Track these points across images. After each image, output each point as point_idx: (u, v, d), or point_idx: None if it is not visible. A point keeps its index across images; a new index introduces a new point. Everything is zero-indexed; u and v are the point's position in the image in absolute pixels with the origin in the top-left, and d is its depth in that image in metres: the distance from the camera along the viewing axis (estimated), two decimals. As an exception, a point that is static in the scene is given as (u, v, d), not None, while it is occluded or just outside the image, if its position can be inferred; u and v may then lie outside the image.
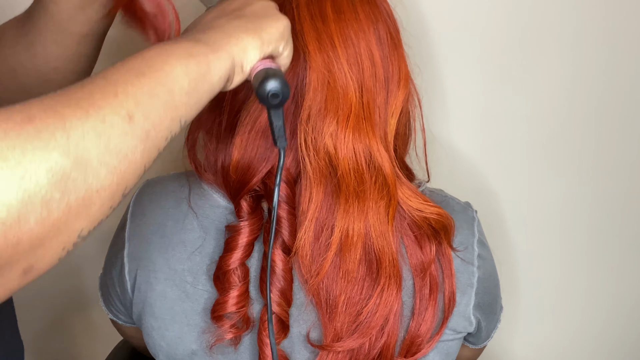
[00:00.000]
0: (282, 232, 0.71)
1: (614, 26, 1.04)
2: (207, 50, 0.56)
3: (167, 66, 0.52)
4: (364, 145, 0.69)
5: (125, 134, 0.48)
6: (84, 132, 0.45)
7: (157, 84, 0.51)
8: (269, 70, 0.59)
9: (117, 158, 0.47)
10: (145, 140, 0.50)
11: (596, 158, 1.13)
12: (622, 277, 1.20)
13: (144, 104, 0.50)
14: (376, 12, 0.72)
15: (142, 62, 0.52)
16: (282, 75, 0.59)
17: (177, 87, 0.53)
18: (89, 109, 0.46)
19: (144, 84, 0.50)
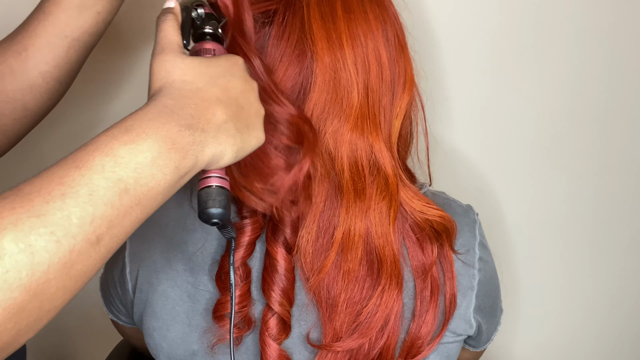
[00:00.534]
0: (284, 229, 0.71)
1: (614, 27, 1.04)
2: (193, 162, 0.54)
3: (153, 181, 0.51)
4: (366, 145, 0.69)
5: (89, 257, 0.48)
6: (50, 265, 0.45)
7: (134, 204, 0.50)
8: (210, 192, 0.59)
9: (75, 280, 0.48)
10: (105, 256, 0.50)
11: (597, 160, 1.13)
12: (623, 279, 1.20)
13: (115, 225, 0.49)
14: (385, 14, 0.72)
15: (133, 172, 0.50)
16: (223, 199, 0.59)
17: (150, 202, 0.52)
18: (62, 239, 0.46)
19: (124, 204, 0.49)
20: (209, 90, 0.58)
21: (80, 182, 0.47)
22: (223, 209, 0.59)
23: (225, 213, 0.59)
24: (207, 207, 0.59)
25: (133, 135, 0.51)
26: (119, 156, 0.50)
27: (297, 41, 0.69)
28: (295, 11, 0.70)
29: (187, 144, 0.53)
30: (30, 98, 0.78)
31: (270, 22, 0.71)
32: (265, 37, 0.71)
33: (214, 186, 0.59)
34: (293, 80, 0.70)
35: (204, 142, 0.55)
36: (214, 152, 0.56)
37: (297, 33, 0.69)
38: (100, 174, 0.48)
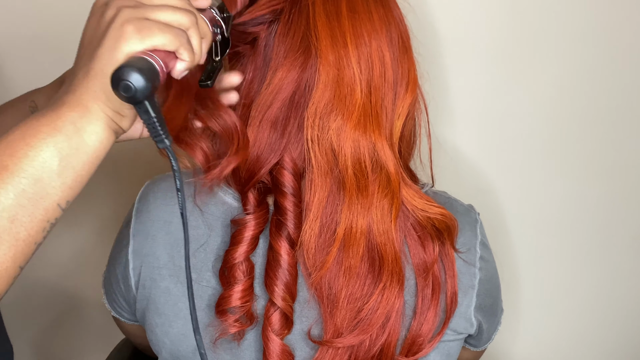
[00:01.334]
0: (287, 224, 0.71)
1: (616, 28, 1.05)
2: (73, 116, 0.50)
3: (32, 151, 0.49)
4: (368, 142, 0.70)
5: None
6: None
7: (22, 178, 0.48)
8: (135, 59, 0.51)
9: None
10: (15, 244, 0.48)
11: (598, 160, 1.13)
12: (623, 278, 1.20)
13: (9, 206, 0.47)
14: (389, 15, 0.73)
15: (5, 149, 0.48)
16: (147, 68, 0.50)
17: (45, 173, 0.49)
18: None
19: (7, 181, 0.47)
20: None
21: None
22: (142, 75, 0.50)
23: (143, 80, 0.50)
24: (121, 66, 0.50)
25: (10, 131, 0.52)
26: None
27: (301, 39, 0.70)
28: (300, 9, 0.71)
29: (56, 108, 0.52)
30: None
31: (276, 20, 0.72)
32: (271, 35, 0.72)
33: (140, 57, 0.51)
34: (297, 77, 0.71)
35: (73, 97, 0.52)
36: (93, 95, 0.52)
37: (302, 31, 0.70)
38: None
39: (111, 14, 0.53)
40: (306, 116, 0.70)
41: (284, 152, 0.72)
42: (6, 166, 0.48)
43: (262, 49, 0.73)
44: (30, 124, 0.50)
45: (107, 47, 0.51)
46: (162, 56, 0.53)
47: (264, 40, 0.73)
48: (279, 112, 0.71)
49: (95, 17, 0.55)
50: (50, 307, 1.34)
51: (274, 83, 0.71)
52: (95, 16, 0.55)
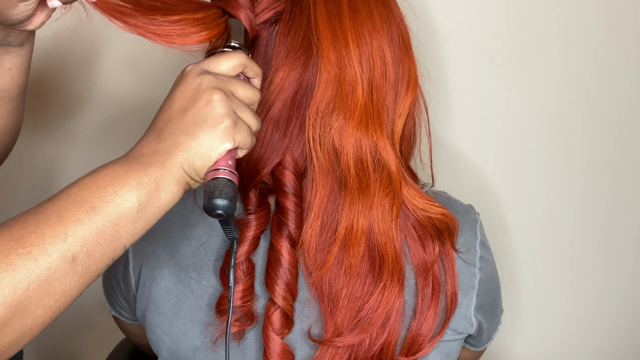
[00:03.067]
0: (289, 224, 0.71)
1: (616, 27, 1.05)
2: (158, 176, 0.57)
3: (119, 198, 0.55)
4: (370, 141, 0.69)
5: (67, 274, 0.52)
6: (30, 282, 0.50)
7: (106, 220, 0.54)
8: (217, 184, 0.59)
9: (54, 298, 0.52)
10: (84, 275, 0.54)
11: (599, 160, 1.14)
12: (623, 278, 1.20)
13: (90, 243, 0.53)
14: (390, 14, 0.73)
15: (95, 192, 0.55)
16: (230, 192, 0.59)
17: (124, 219, 0.55)
18: (39, 257, 0.51)
19: (93, 221, 0.54)
20: (156, 118, 0.62)
21: (50, 209, 0.54)
22: (229, 200, 0.59)
23: (230, 205, 0.59)
24: (212, 197, 0.59)
25: (94, 171, 0.57)
26: (82, 183, 0.56)
27: (303, 38, 0.70)
28: (301, 8, 0.71)
29: (144, 165, 0.58)
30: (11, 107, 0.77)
31: (277, 20, 0.72)
32: (272, 34, 0.72)
33: (221, 178, 0.60)
34: (299, 76, 0.71)
35: (159, 160, 0.58)
36: (177, 164, 0.59)
37: (303, 30, 0.70)
38: (66, 199, 0.54)
39: (208, 96, 0.60)
40: (308, 116, 0.70)
41: (285, 152, 0.72)
42: (94, 207, 0.54)
43: (262, 48, 0.73)
44: (119, 172, 0.56)
45: (205, 130, 0.59)
46: (231, 157, 0.62)
47: (264, 40, 0.73)
48: (280, 112, 0.71)
49: (188, 89, 0.61)
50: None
51: (275, 83, 0.71)
52: (189, 87, 0.61)
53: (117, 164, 0.58)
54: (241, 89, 0.63)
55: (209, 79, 0.61)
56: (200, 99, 0.60)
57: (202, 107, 0.60)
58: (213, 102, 0.60)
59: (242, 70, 0.66)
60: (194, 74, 0.62)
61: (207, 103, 0.60)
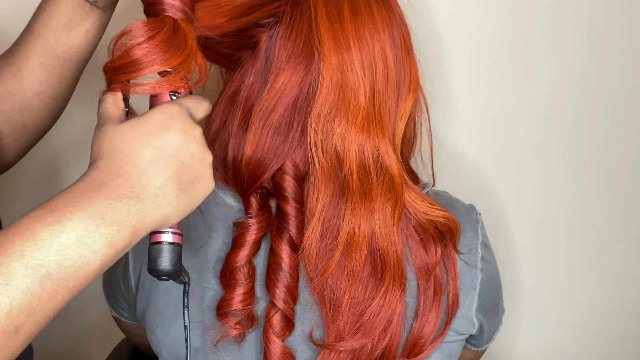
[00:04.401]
0: (290, 228, 0.71)
1: (616, 28, 1.05)
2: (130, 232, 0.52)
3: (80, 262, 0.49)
4: (372, 146, 0.69)
5: (7, 346, 0.47)
6: None
7: (59, 287, 0.48)
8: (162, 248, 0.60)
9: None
10: (26, 342, 0.48)
11: (600, 161, 1.13)
12: (624, 279, 1.20)
13: (37, 311, 0.47)
14: (391, 15, 0.72)
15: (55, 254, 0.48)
16: (174, 257, 0.60)
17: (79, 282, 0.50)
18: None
19: (45, 290, 0.47)
20: (139, 153, 0.55)
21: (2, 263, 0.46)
22: (172, 266, 0.60)
23: (174, 271, 0.60)
24: (156, 265, 0.60)
25: (57, 216, 0.49)
26: (39, 239, 0.47)
27: (304, 42, 0.70)
28: (302, 12, 0.70)
29: (120, 216, 0.51)
30: (29, 117, 0.78)
31: (277, 23, 0.72)
32: (272, 38, 0.72)
33: (165, 243, 0.60)
34: (300, 81, 0.70)
35: (142, 210, 0.53)
36: (155, 218, 0.54)
37: (304, 34, 0.70)
38: (19, 261, 0.46)
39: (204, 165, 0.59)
40: (310, 121, 0.69)
41: (286, 157, 0.72)
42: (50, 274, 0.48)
43: (263, 52, 0.72)
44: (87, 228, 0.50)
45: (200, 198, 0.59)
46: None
47: (265, 44, 0.72)
48: (281, 117, 0.71)
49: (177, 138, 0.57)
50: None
51: (276, 87, 0.70)
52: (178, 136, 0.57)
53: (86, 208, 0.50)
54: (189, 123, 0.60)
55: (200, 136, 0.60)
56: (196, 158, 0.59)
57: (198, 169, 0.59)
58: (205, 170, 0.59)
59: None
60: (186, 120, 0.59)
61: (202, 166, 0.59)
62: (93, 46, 0.78)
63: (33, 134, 0.80)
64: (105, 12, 0.76)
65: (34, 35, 0.75)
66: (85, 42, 0.76)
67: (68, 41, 0.75)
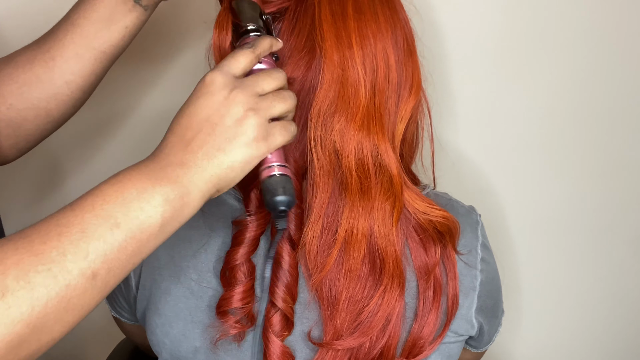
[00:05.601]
0: (289, 225, 0.71)
1: (617, 28, 1.05)
2: (184, 192, 0.57)
3: (143, 215, 0.55)
4: (371, 144, 0.69)
5: (86, 291, 0.51)
6: (48, 299, 0.49)
7: (129, 237, 0.54)
8: (277, 182, 0.61)
9: (72, 314, 0.51)
10: (103, 290, 0.53)
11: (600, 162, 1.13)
12: (624, 279, 1.20)
13: (111, 259, 0.52)
14: (395, 17, 0.73)
15: (120, 207, 0.54)
16: (290, 187, 0.61)
17: (146, 235, 0.55)
18: (59, 275, 0.49)
19: (116, 238, 0.53)
20: (178, 124, 0.60)
21: (73, 222, 0.52)
22: (291, 196, 0.61)
23: (292, 200, 0.61)
24: (276, 194, 0.61)
25: (119, 178, 0.56)
26: (107, 194, 0.54)
27: (306, 38, 0.70)
28: (306, 8, 0.71)
29: (172, 178, 0.57)
30: (54, 106, 0.79)
31: (280, 18, 0.72)
32: (275, 33, 0.72)
33: (277, 175, 0.61)
34: (302, 76, 0.70)
35: (187, 173, 0.58)
36: (206, 178, 0.58)
37: (307, 30, 0.70)
38: (91, 212, 0.53)
39: (237, 113, 0.60)
40: (310, 116, 0.69)
41: (287, 153, 0.72)
42: (118, 224, 0.53)
43: None
44: (145, 186, 0.55)
45: (237, 147, 0.59)
46: (279, 152, 0.63)
47: None
48: None
49: (215, 101, 0.60)
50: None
51: None
52: (215, 99, 0.60)
53: (143, 173, 0.56)
54: (266, 84, 0.63)
55: (236, 92, 0.60)
56: (229, 115, 0.60)
57: (233, 125, 0.59)
58: (242, 120, 0.60)
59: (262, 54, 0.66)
60: (219, 85, 0.61)
61: (238, 121, 0.60)
62: (128, 42, 0.80)
63: (55, 122, 0.82)
64: (147, 11, 0.79)
65: (74, 25, 0.77)
66: (122, 37, 0.78)
67: (106, 35, 0.77)
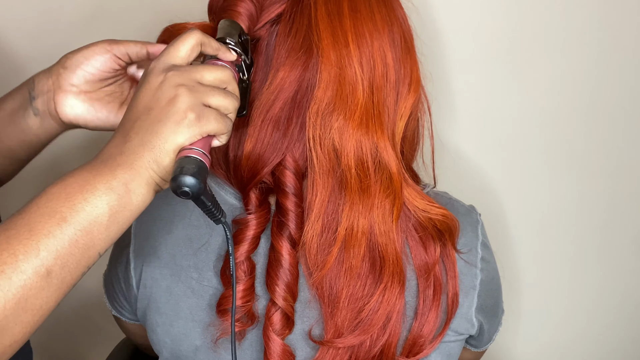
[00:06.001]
0: (289, 224, 0.71)
1: (617, 28, 1.05)
2: (126, 178, 0.56)
3: (89, 206, 0.55)
4: (371, 142, 0.69)
5: (42, 289, 0.52)
6: (5, 301, 0.49)
7: (77, 230, 0.54)
8: (184, 161, 0.58)
9: (31, 314, 0.52)
10: (60, 287, 0.53)
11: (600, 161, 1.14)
12: (624, 279, 1.20)
13: (63, 254, 0.53)
14: (392, 15, 0.73)
15: (64, 201, 0.54)
16: (194, 168, 0.57)
17: (96, 226, 0.55)
18: (12, 275, 0.50)
19: (65, 232, 0.53)
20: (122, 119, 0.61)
21: (20, 224, 0.52)
22: (195, 178, 0.56)
23: (197, 184, 0.57)
24: (177, 173, 0.57)
25: (63, 178, 0.56)
26: (50, 193, 0.55)
27: (303, 38, 0.70)
28: (302, 9, 0.71)
29: (112, 167, 0.57)
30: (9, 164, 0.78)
31: (277, 20, 0.72)
32: (272, 35, 0.72)
33: (191, 157, 0.58)
34: (299, 76, 0.70)
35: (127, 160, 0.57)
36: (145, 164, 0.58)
37: (304, 30, 0.70)
38: (36, 211, 0.53)
39: (171, 92, 0.59)
40: (308, 116, 0.69)
41: (286, 152, 0.72)
42: (65, 218, 0.53)
43: (263, 49, 0.73)
44: (87, 177, 0.55)
45: (169, 127, 0.58)
46: (204, 142, 0.60)
47: (265, 40, 0.73)
48: (281, 111, 0.71)
49: (152, 87, 0.60)
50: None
51: (276, 83, 0.71)
52: (152, 85, 0.60)
53: (84, 169, 0.57)
54: (207, 73, 0.62)
55: (171, 74, 0.60)
56: (163, 97, 0.59)
57: (166, 105, 0.59)
58: (175, 98, 0.59)
59: (202, 49, 0.65)
60: (156, 72, 0.61)
61: (170, 100, 0.59)
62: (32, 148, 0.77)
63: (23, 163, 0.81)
64: (37, 116, 0.75)
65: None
66: (29, 138, 0.76)
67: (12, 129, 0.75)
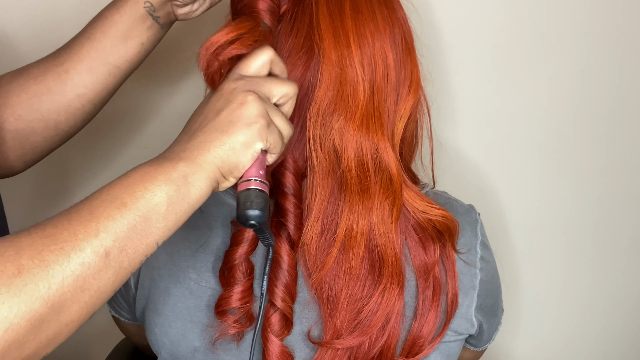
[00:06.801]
0: (288, 225, 0.71)
1: (617, 28, 1.05)
2: (187, 171, 0.59)
3: (148, 194, 0.57)
4: (371, 143, 0.69)
5: (100, 270, 0.53)
6: (64, 278, 0.51)
7: (137, 215, 0.56)
8: (249, 194, 0.62)
9: (89, 294, 0.53)
10: (118, 272, 0.55)
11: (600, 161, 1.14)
12: (623, 278, 1.20)
13: (122, 238, 0.55)
14: (393, 16, 0.73)
15: (125, 189, 0.57)
16: (261, 202, 0.61)
17: (154, 214, 0.56)
18: (71, 253, 0.52)
19: (125, 216, 0.55)
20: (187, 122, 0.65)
21: (82, 208, 0.55)
22: (260, 211, 0.61)
23: (262, 215, 0.61)
24: (245, 208, 0.61)
25: (126, 173, 0.59)
26: (113, 183, 0.58)
27: (304, 38, 0.70)
28: (304, 9, 0.71)
29: (174, 160, 0.59)
30: (64, 118, 0.80)
31: (279, 21, 0.72)
32: (274, 34, 0.72)
33: (253, 189, 0.62)
34: (300, 76, 0.70)
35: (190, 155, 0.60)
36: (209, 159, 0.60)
37: (305, 30, 0.70)
38: (98, 198, 0.56)
39: (242, 97, 0.62)
40: (309, 116, 0.69)
41: (286, 153, 0.72)
42: (125, 203, 0.55)
43: None
44: (148, 170, 0.58)
45: (239, 128, 0.61)
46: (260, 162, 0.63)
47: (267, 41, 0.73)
48: None
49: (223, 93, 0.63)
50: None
51: None
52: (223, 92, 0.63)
53: (148, 164, 0.59)
54: (275, 87, 0.65)
55: (243, 82, 0.63)
56: (235, 100, 0.62)
57: (237, 107, 0.61)
58: (248, 103, 0.61)
59: (271, 67, 0.66)
60: (229, 80, 0.64)
61: (242, 104, 0.61)
62: (143, 58, 0.82)
63: (63, 135, 0.83)
64: (163, 29, 0.81)
65: (90, 39, 0.79)
66: (137, 53, 0.80)
67: (122, 50, 0.79)
